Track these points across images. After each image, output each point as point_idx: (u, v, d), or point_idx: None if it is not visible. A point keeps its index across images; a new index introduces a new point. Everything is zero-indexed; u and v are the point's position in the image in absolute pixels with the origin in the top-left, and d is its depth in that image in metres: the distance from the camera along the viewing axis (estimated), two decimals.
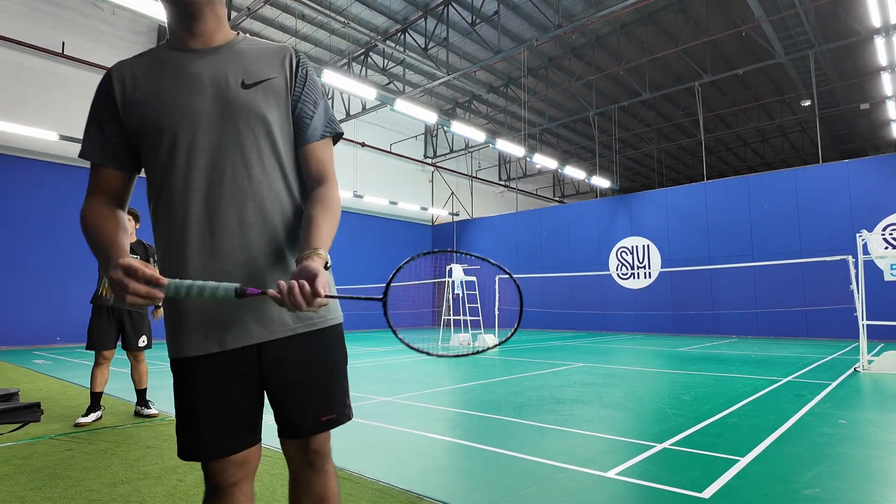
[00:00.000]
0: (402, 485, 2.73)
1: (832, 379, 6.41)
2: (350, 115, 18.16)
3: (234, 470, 1.20)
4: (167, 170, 1.16)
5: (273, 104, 1.20)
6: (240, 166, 1.16)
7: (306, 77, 1.26)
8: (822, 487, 2.66)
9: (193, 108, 1.14)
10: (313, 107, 1.26)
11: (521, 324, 3.61)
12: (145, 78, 1.18)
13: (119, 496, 2.58)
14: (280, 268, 1.20)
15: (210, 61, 1.18)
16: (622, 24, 15.58)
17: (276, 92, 1.21)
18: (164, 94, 1.15)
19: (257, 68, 1.21)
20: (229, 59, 1.20)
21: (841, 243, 13.23)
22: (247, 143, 1.16)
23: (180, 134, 1.14)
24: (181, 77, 1.16)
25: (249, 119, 1.16)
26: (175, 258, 1.16)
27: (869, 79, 17.48)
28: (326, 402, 1.25)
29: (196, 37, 1.19)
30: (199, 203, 1.14)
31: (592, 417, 4.33)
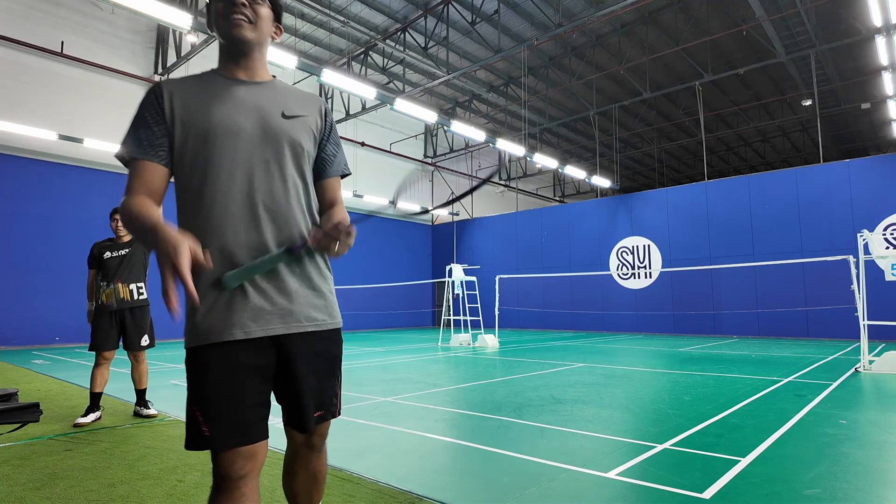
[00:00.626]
0: (401, 485, 2.72)
1: (833, 379, 6.40)
2: (350, 114, 18.15)
3: (243, 462, 1.26)
4: (209, 178, 1.31)
5: (305, 137, 1.42)
6: (276, 180, 1.35)
7: (332, 125, 1.54)
8: (823, 488, 2.65)
9: (240, 127, 1.34)
10: (335, 149, 1.54)
11: (521, 324, 3.66)
12: (195, 95, 1.35)
13: (118, 496, 2.58)
14: (301, 272, 1.39)
15: (255, 92, 1.40)
16: (623, 24, 15.57)
17: (308, 128, 1.44)
18: (214, 112, 1.33)
19: (295, 105, 1.44)
20: (271, 94, 1.42)
21: (842, 243, 13.22)
22: (282, 161, 1.37)
23: (227, 148, 1.32)
24: (230, 100, 1.36)
25: (287, 143, 1.38)
26: (217, 255, 1.30)
27: (870, 78, 17.47)
28: (322, 400, 1.43)
29: (244, 70, 1.41)
30: (241, 206, 1.31)
31: (592, 418, 4.33)
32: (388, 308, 20.59)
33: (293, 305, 1.35)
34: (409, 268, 22.28)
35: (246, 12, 1.35)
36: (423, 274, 22.82)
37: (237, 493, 1.25)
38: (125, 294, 4.40)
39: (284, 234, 1.35)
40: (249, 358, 1.29)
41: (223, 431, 1.24)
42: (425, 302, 22.58)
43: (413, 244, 22.79)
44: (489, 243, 21.64)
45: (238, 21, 1.34)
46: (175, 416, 4.46)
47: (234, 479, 1.25)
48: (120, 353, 8.22)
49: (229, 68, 1.41)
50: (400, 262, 21.85)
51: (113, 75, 13.83)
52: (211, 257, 1.26)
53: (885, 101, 17.91)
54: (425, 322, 22.65)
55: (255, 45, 1.39)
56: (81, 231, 13.08)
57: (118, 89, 14.00)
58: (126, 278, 4.43)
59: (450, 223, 23.26)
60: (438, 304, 22.19)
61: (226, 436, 1.24)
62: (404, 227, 22.42)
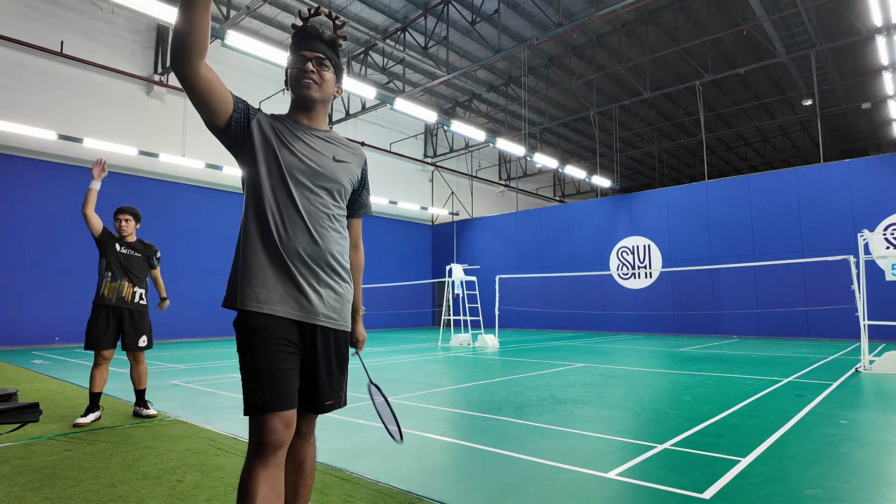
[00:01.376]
0: (401, 485, 2.72)
1: (833, 379, 6.39)
2: (350, 114, 18.14)
3: (282, 429, 1.52)
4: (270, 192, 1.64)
5: (347, 181, 1.78)
6: (316, 204, 1.69)
7: (366, 174, 1.92)
8: (824, 488, 2.64)
9: (302, 161, 1.67)
10: (367, 194, 1.95)
11: (521, 324, 3.83)
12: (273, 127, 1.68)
13: (118, 497, 2.57)
14: (329, 278, 1.71)
15: (316, 136, 1.74)
16: (623, 23, 15.56)
17: (352, 174, 1.80)
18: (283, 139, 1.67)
19: (344, 154, 1.79)
20: (328, 142, 1.76)
21: (842, 243, 13.21)
22: (327, 194, 1.72)
23: (288, 174, 1.65)
24: (298, 135, 1.70)
25: (332, 183, 1.72)
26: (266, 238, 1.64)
27: (870, 78, 17.46)
28: (334, 390, 1.73)
29: (311, 119, 1.76)
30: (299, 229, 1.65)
31: (593, 418, 4.32)
32: (388, 308, 20.57)
33: (322, 302, 1.66)
34: (409, 268, 22.27)
35: (314, 77, 1.68)
36: (423, 274, 22.81)
37: (273, 460, 1.50)
38: (128, 294, 4.39)
39: (322, 249, 1.68)
40: (293, 336, 1.61)
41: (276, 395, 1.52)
42: (425, 302, 22.57)
43: (413, 244, 22.77)
44: (489, 243, 21.63)
45: (307, 84, 1.67)
46: (175, 416, 4.46)
47: (273, 445, 1.50)
48: (119, 353, 8.22)
49: (298, 116, 1.74)
50: (400, 262, 21.84)
51: (113, 75, 13.82)
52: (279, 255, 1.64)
53: (886, 101, 17.90)
54: (425, 322, 22.64)
55: (319, 102, 1.72)
56: (81, 231, 13.07)
57: (118, 89, 13.99)
58: (134, 280, 4.42)
59: (450, 223, 23.26)
60: (438, 304, 22.18)
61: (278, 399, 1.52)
62: (404, 227, 22.41)
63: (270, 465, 1.48)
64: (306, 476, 1.82)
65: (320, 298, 1.65)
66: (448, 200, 23.73)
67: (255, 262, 1.60)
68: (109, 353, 4.33)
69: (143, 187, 14.24)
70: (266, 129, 1.65)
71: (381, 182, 20.63)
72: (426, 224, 23.66)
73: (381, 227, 21.17)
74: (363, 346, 1.97)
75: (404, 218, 22.45)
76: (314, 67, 1.68)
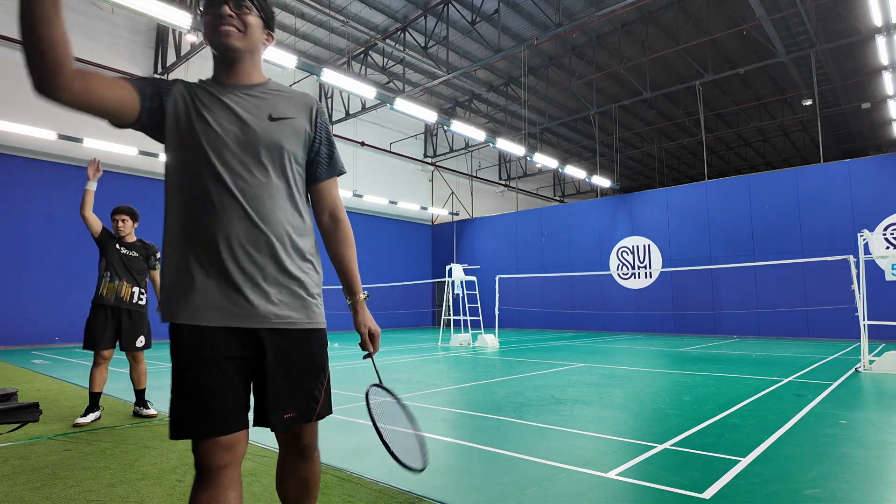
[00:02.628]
0: (401, 485, 2.72)
1: (833, 379, 6.39)
2: (349, 114, 18.14)
3: (222, 452, 1.30)
4: (193, 177, 1.37)
5: (291, 139, 1.44)
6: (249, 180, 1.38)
7: (325, 126, 1.54)
8: (824, 488, 2.64)
9: (220, 125, 1.38)
10: (329, 150, 1.54)
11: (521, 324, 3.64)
12: (190, 98, 1.41)
13: (118, 496, 2.57)
14: (279, 269, 1.41)
15: (242, 94, 1.43)
16: (623, 23, 15.56)
17: (297, 130, 1.46)
18: (199, 109, 1.38)
19: (285, 108, 1.46)
20: (261, 97, 1.45)
21: (842, 243, 13.21)
22: (260, 163, 1.40)
23: (210, 151, 1.36)
24: (216, 100, 1.41)
25: (268, 145, 1.40)
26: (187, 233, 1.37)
27: (870, 78, 17.46)
28: (296, 401, 1.42)
29: (234, 77, 1.45)
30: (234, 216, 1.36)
31: (593, 418, 4.32)
32: (388, 308, 20.58)
33: (267, 301, 1.38)
34: (409, 268, 22.27)
35: (234, 23, 1.39)
36: (423, 274, 22.81)
37: (217, 484, 1.31)
38: (126, 294, 4.39)
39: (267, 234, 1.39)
40: (232, 346, 1.34)
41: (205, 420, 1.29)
42: (425, 302, 22.57)
43: (413, 244, 22.77)
44: (489, 243, 21.63)
45: (226, 31, 1.39)
46: None
47: (214, 469, 1.31)
48: (119, 353, 8.21)
49: (221, 76, 1.45)
50: (400, 262, 21.84)
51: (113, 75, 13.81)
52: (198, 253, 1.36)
53: (886, 101, 17.90)
54: (425, 322, 22.64)
55: (244, 52, 1.43)
56: (81, 231, 13.03)
57: None
58: (132, 280, 4.42)
59: (450, 223, 23.26)
60: (438, 304, 22.18)
61: (206, 425, 1.29)
62: (404, 227, 22.41)
63: (211, 486, 1.30)
64: (312, 490, 1.65)
65: (265, 297, 1.37)
66: (448, 200, 23.73)
67: (180, 264, 1.36)
68: (108, 353, 4.33)
69: (143, 187, 14.25)
70: (180, 105, 1.38)
71: (381, 182, 20.63)
72: (426, 224, 23.66)
73: (381, 227, 21.17)
74: (378, 342, 1.61)
75: (404, 218, 22.45)
76: (232, 11, 1.39)
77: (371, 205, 20.54)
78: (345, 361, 8.86)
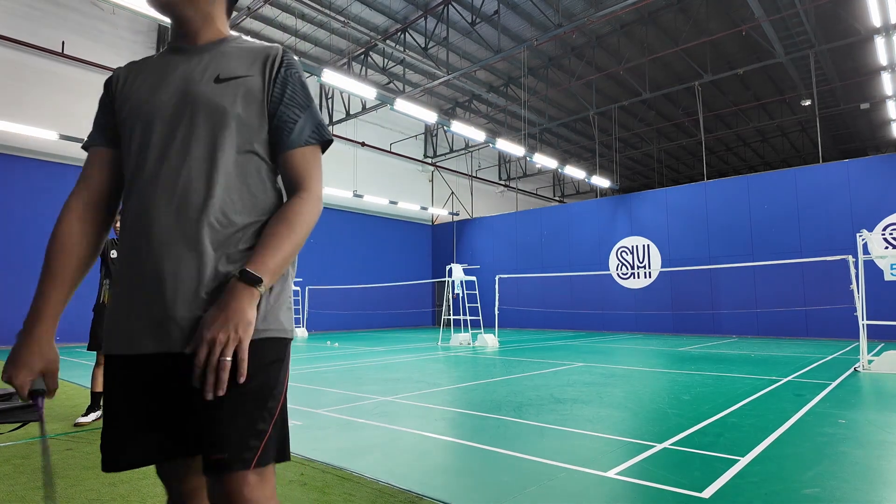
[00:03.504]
0: (401, 484, 2.73)
1: (832, 379, 6.41)
2: (350, 114, 18.15)
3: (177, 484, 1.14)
4: (127, 163, 1.14)
5: (241, 102, 1.12)
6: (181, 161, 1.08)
7: (289, 79, 1.17)
8: (823, 487, 2.66)
9: (156, 99, 1.13)
10: (298, 111, 1.17)
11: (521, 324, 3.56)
12: (135, 75, 1.19)
13: (119, 496, 2.58)
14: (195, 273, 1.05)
15: (190, 58, 1.17)
16: (622, 24, 15.58)
17: (249, 90, 1.14)
18: (139, 88, 1.16)
19: (236, 66, 1.16)
20: (211, 57, 1.17)
21: (841, 243, 13.23)
22: (196, 137, 1.10)
23: (137, 125, 1.12)
24: (159, 72, 1.17)
25: (207, 112, 1.10)
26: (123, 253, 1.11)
27: (869, 78, 17.48)
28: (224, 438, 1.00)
29: (184, 37, 1.20)
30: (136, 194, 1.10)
31: (592, 417, 4.33)
32: (388, 308, 20.58)
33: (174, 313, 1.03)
34: (409, 268, 22.28)
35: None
36: (423, 274, 22.82)
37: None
38: None
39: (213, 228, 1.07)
40: (156, 372, 1.06)
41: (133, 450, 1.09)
42: (425, 302, 22.57)
43: (413, 244, 22.78)
44: (489, 243, 21.64)
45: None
46: None
47: (176, 499, 1.15)
48: None
49: (173, 38, 1.23)
50: (400, 262, 21.85)
51: None
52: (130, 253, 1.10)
53: (884, 102, 17.94)
54: (425, 322, 22.64)
55: (186, 7, 1.16)
56: None
57: None
58: None
59: (450, 223, 23.27)
60: (438, 304, 22.19)
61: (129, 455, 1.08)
62: (404, 227, 22.42)
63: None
64: None
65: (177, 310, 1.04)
66: (448, 200, 23.74)
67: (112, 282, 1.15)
68: None
69: None
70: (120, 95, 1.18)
71: (381, 182, 20.64)
72: (426, 224, 23.67)
73: (381, 227, 21.18)
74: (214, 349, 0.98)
75: (404, 218, 22.46)
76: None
77: (371, 205, 20.55)
78: (345, 361, 8.87)
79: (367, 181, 19.97)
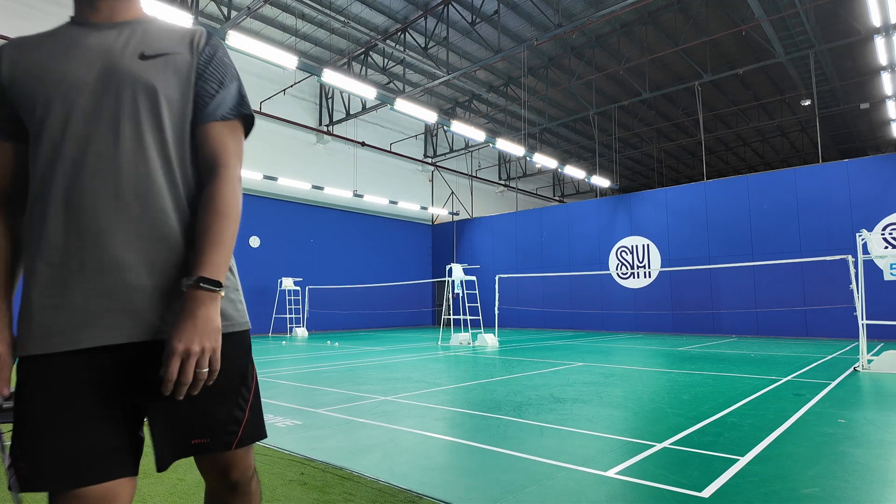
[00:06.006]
0: (401, 484, 2.73)
1: (832, 378, 6.41)
2: (350, 114, 18.16)
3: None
4: (37, 143, 1.05)
5: (170, 80, 1.08)
6: (111, 140, 1.03)
7: (213, 56, 1.15)
8: (822, 487, 2.66)
9: (74, 76, 1.05)
10: (217, 86, 1.13)
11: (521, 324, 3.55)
12: (35, 51, 1.09)
13: None
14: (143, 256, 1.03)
15: (107, 34, 1.10)
16: (622, 24, 15.58)
17: (177, 68, 1.10)
18: (48, 65, 1.06)
19: (161, 43, 1.11)
20: (131, 34, 1.11)
21: (841, 243, 13.24)
22: (125, 114, 1.04)
23: (54, 104, 1.03)
24: (70, 48, 1.08)
25: (136, 89, 1.05)
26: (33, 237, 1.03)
27: (869, 78, 17.49)
28: (205, 423, 1.07)
29: (96, 11, 1.11)
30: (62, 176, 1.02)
31: (592, 417, 4.34)
32: (388, 308, 20.59)
33: (137, 304, 1.01)
34: (409, 267, 22.29)
35: None
36: (423, 273, 22.82)
37: None
38: None
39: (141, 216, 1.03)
40: (87, 373, 1.00)
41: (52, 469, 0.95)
42: (425, 301, 22.58)
43: (413, 244, 22.79)
44: (489, 243, 21.65)
45: None
46: None
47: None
48: None
49: (81, 10, 1.13)
50: (400, 262, 21.85)
51: None
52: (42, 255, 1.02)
53: (884, 101, 17.94)
54: (425, 321, 22.65)
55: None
56: None
57: None
58: None
59: (450, 223, 23.28)
60: (438, 304, 22.20)
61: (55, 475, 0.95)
62: (404, 226, 22.42)
63: None
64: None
65: (148, 298, 1.02)
66: (448, 200, 23.75)
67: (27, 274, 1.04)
68: None
69: None
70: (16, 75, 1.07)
71: (381, 182, 20.65)
72: (426, 224, 23.68)
73: (381, 227, 21.19)
74: (190, 370, 0.98)
75: (404, 218, 22.47)
76: None
77: (371, 205, 20.56)
78: (345, 361, 8.87)
79: (367, 181, 19.98)
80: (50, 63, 1.06)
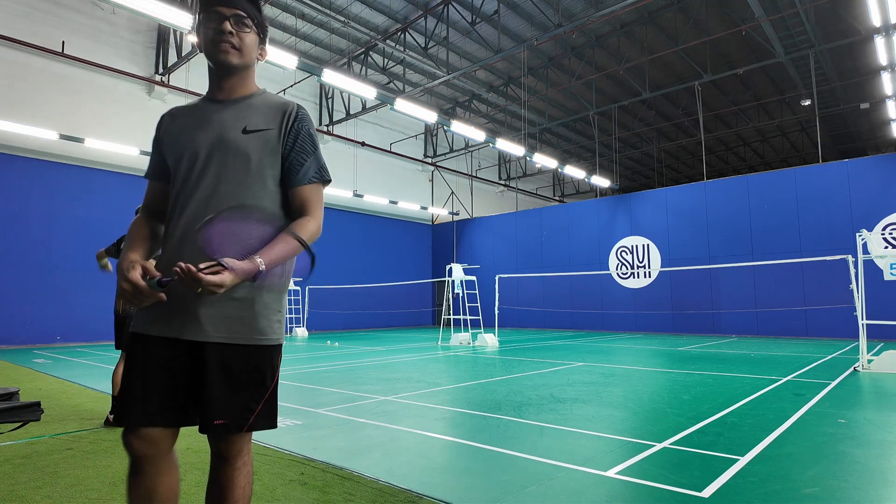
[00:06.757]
0: (401, 484, 2.73)
1: (832, 378, 6.41)
2: (350, 114, 18.16)
3: (138, 444, 1.38)
4: (172, 184, 1.51)
5: (260, 149, 1.47)
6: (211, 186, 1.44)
7: (300, 132, 1.51)
8: (822, 487, 2.66)
9: (197, 143, 1.46)
10: (304, 157, 1.51)
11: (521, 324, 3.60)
12: (179, 119, 1.53)
13: (119, 495, 2.59)
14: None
15: (225, 111, 1.50)
16: (622, 24, 15.58)
17: (268, 141, 1.48)
18: (185, 132, 1.49)
19: (259, 120, 1.49)
20: (241, 110, 1.50)
21: (841, 242, 13.24)
22: (232, 174, 1.45)
23: (183, 161, 1.47)
24: (200, 120, 1.50)
25: (237, 157, 1.45)
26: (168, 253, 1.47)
27: (869, 78, 17.49)
28: (228, 409, 1.42)
29: (222, 91, 1.52)
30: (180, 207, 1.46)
31: (592, 417, 4.34)
32: (388, 307, 20.59)
33: (205, 313, 1.40)
34: (409, 267, 22.29)
35: (233, 40, 1.45)
36: (423, 273, 22.82)
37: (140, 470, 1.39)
38: None
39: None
40: (165, 353, 1.41)
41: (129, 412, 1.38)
42: (425, 301, 22.58)
43: (413, 244, 22.79)
44: (489, 243, 21.65)
45: (225, 48, 1.45)
46: None
47: (136, 458, 1.39)
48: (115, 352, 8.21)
49: (213, 90, 1.54)
50: (400, 262, 21.85)
51: (114, 75, 13.83)
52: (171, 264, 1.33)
53: (884, 101, 17.93)
54: (425, 321, 22.65)
55: (240, 69, 1.50)
56: (82, 231, 13.09)
57: (119, 89, 14.00)
58: None
59: (450, 223, 23.28)
60: (438, 304, 22.19)
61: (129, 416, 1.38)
62: (404, 226, 22.42)
63: (140, 472, 1.39)
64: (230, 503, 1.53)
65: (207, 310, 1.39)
66: (448, 200, 23.75)
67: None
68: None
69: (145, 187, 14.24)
70: (165, 138, 1.53)
71: (381, 182, 20.64)
72: (426, 224, 23.67)
73: (381, 227, 21.19)
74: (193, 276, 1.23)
75: (404, 218, 22.47)
76: (233, 28, 1.44)
77: (371, 205, 20.55)
78: (345, 361, 8.87)
79: (368, 181, 19.98)
80: (184, 131, 1.50)
